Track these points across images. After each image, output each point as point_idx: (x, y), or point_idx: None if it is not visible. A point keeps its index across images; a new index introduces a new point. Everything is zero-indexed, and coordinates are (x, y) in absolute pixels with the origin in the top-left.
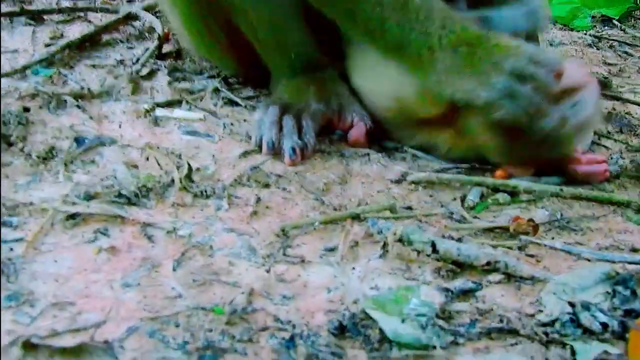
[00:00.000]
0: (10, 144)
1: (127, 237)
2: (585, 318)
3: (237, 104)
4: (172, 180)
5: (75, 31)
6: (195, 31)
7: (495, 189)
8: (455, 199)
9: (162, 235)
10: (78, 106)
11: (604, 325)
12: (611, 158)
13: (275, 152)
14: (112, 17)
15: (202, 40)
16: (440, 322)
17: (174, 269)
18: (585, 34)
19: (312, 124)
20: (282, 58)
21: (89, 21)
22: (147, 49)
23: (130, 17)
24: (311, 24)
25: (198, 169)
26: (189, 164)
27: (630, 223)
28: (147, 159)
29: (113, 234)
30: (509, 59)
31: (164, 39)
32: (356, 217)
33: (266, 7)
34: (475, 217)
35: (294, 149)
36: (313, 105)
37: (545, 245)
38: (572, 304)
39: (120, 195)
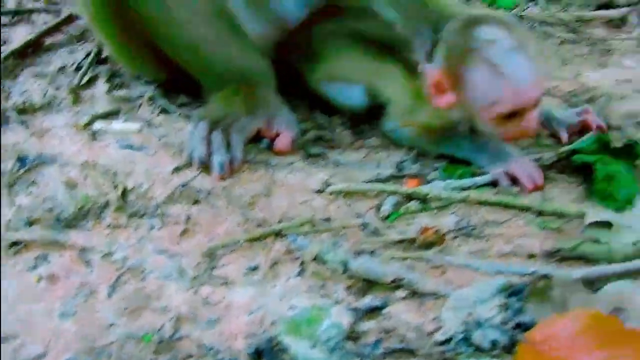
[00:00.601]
0: None
1: (65, 263)
2: (476, 335)
3: (172, 112)
4: (108, 202)
5: (19, 34)
6: (119, 48)
7: (409, 197)
8: (371, 208)
9: (98, 259)
10: (21, 122)
11: (494, 343)
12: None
13: (206, 166)
14: (54, 18)
15: (127, 56)
16: (348, 344)
17: (109, 295)
18: (509, 14)
19: (240, 137)
20: (207, 75)
21: (32, 22)
22: (87, 54)
23: (71, 19)
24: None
25: (133, 188)
26: (124, 184)
27: (531, 226)
28: (86, 177)
29: (53, 260)
30: None
31: None
32: (278, 234)
33: (185, 25)
34: (389, 227)
35: (222, 165)
36: (242, 119)
37: (447, 258)
38: (466, 321)
39: (59, 219)
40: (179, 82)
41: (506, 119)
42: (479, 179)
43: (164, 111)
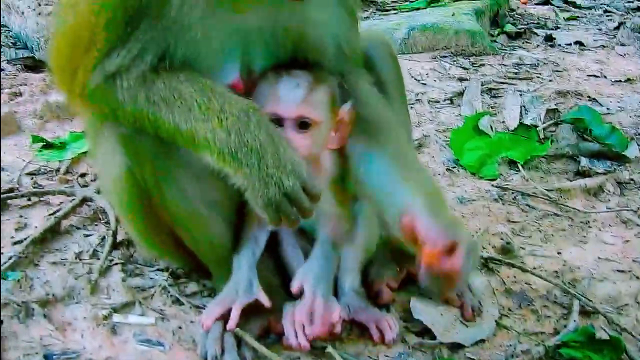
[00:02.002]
0: None
1: None
2: None
3: (184, 304)
4: None
5: (37, 217)
6: (143, 235)
7: None
8: None
9: None
10: (44, 315)
11: None
12: (509, 346)
13: None
14: (68, 200)
15: (149, 243)
16: None
17: None
18: (492, 185)
19: (250, 336)
20: (221, 267)
21: (48, 203)
22: (102, 238)
23: (85, 200)
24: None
25: None
26: None
27: None
28: None
29: None
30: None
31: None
32: None
33: (205, 226)
34: None
35: None
36: (251, 320)
37: None
38: None
39: None
40: (193, 265)
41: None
42: None
43: (176, 301)
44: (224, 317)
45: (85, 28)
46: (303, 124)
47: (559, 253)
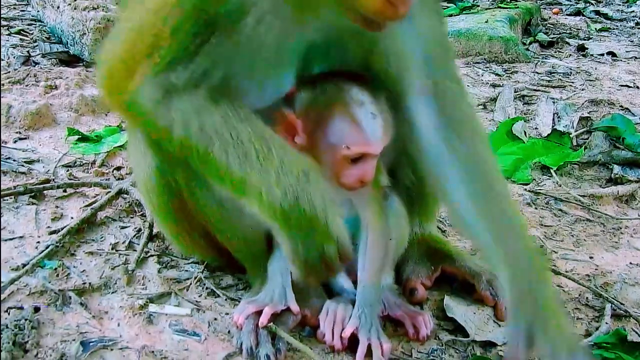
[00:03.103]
0: (26, 351)
1: None
2: None
3: (219, 296)
4: None
5: (73, 208)
6: (175, 234)
7: None
8: None
9: None
10: (81, 303)
11: None
12: None
13: (254, 357)
14: (104, 192)
15: (181, 240)
16: None
17: None
18: (525, 190)
19: (284, 328)
20: (255, 264)
21: (85, 195)
22: (138, 230)
23: (121, 193)
24: None
25: None
26: None
27: None
28: None
29: None
30: None
31: None
32: None
33: (238, 225)
34: None
35: (268, 356)
36: (285, 313)
37: None
38: None
39: None
40: (226, 263)
41: (351, 162)
42: None
43: (211, 293)
44: (257, 313)
45: (150, 30)
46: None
47: (591, 257)
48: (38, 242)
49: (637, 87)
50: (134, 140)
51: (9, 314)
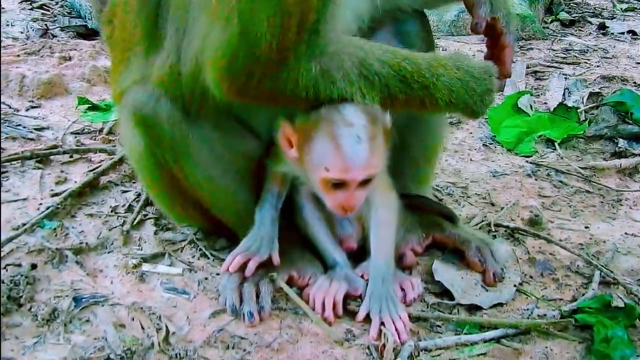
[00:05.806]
0: (20, 305)
1: None
2: None
3: (212, 257)
4: (152, 344)
5: (78, 173)
6: (168, 206)
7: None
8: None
9: None
10: (77, 262)
11: None
12: (526, 310)
13: (238, 314)
14: (109, 158)
15: (174, 212)
16: None
17: None
18: (527, 161)
19: (269, 287)
20: (246, 230)
21: (90, 160)
22: (138, 194)
23: (124, 159)
24: None
25: (174, 332)
26: (167, 327)
27: None
28: (133, 319)
29: None
30: None
31: None
32: None
33: (228, 196)
34: None
35: (251, 314)
36: (272, 270)
37: None
38: None
39: (109, 359)
40: (217, 229)
41: (333, 186)
42: None
43: (204, 255)
44: (242, 269)
45: (295, 8)
46: (365, 181)
47: (586, 227)
48: (40, 203)
49: None
50: (124, 121)
51: (6, 270)
